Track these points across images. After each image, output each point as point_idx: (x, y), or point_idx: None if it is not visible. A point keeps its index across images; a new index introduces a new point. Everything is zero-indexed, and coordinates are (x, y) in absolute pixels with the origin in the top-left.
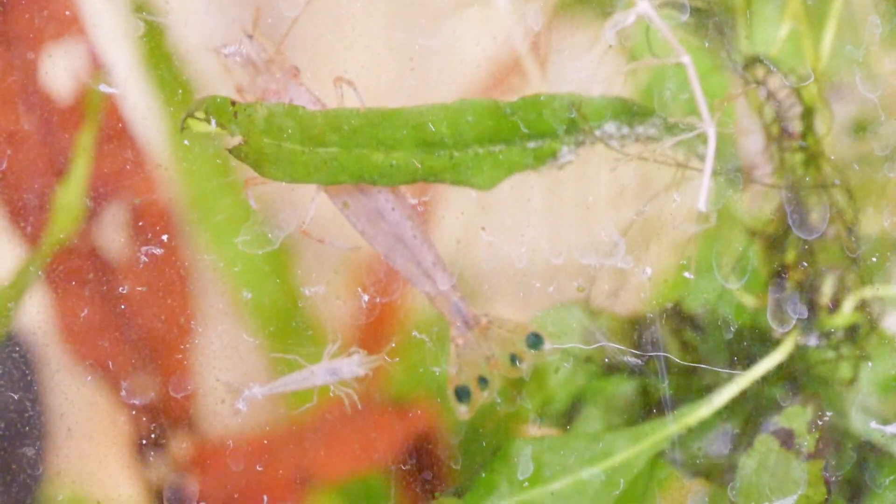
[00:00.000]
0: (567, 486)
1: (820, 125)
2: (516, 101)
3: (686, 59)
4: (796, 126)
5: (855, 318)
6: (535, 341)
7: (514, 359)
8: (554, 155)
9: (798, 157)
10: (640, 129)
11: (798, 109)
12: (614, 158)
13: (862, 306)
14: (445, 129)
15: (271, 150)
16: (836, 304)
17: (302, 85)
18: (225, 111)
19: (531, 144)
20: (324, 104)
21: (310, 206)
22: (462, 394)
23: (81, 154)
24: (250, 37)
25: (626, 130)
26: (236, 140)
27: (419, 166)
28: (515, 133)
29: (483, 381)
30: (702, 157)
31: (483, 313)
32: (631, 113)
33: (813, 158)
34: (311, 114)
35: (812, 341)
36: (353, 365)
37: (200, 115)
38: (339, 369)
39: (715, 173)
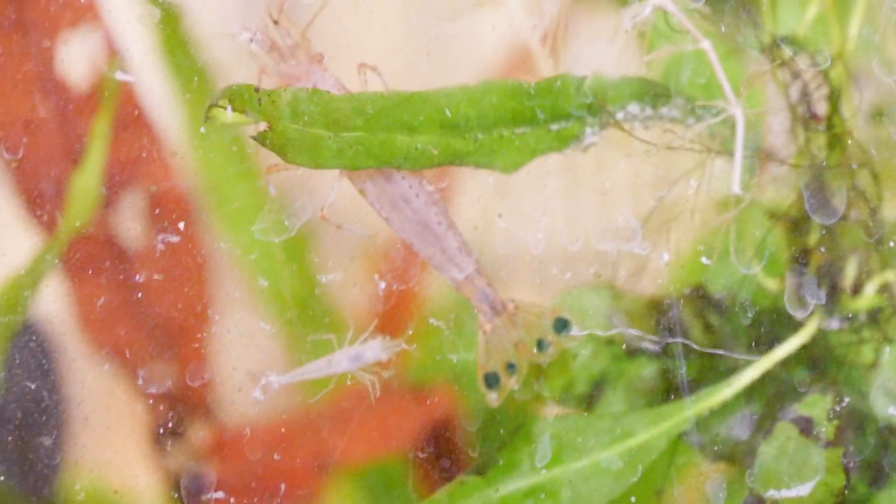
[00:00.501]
0: (588, 466)
1: (845, 107)
2: (539, 81)
3: (706, 43)
4: (822, 108)
5: (877, 301)
6: (563, 325)
7: (541, 344)
8: (577, 137)
9: (822, 139)
10: (663, 111)
11: (824, 91)
12: (643, 151)
13: (884, 289)
14: (469, 111)
15: (296, 135)
16: (858, 287)
17: (327, 71)
18: (249, 98)
19: (554, 126)
20: (348, 91)
21: (330, 191)
22: (491, 380)
23: (97, 141)
24: (276, 22)
25: (648, 112)
26: (261, 126)
27: (443, 149)
28: (538, 115)
29: (511, 367)
30: (724, 140)
31: (510, 298)
32: (653, 94)
33: (837, 140)
34: (335, 98)
35: (833, 324)
36: (376, 349)
37: (224, 103)
38: (361, 355)
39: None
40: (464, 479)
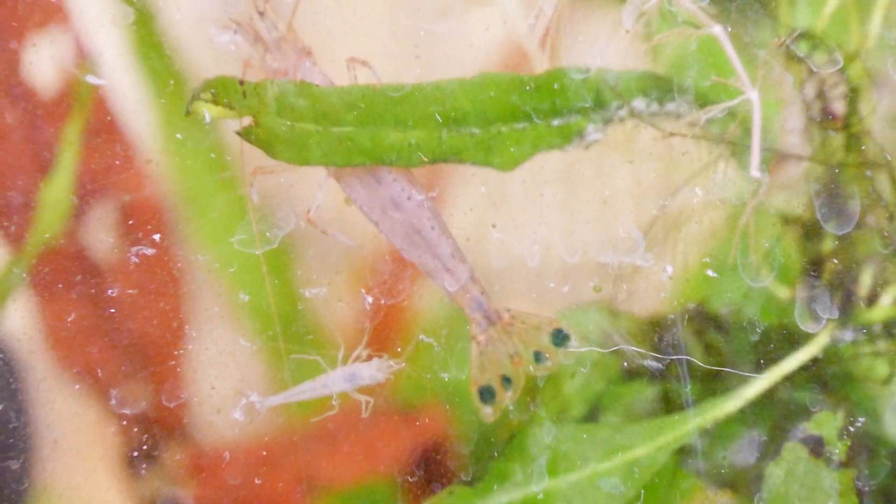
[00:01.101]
0: (584, 479)
1: (864, 107)
2: (540, 75)
3: (717, 28)
4: (839, 107)
5: (893, 313)
6: (561, 338)
7: (538, 356)
8: (580, 133)
9: (838, 140)
10: (670, 106)
11: (842, 89)
12: (652, 137)
13: None
14: (466, 106)
15: (283, 130)
16: (872, 298)
17: (315, 65)
18: (233, 91)
19: (556, 122)
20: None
21: (317, 192)
22: (486, 394)
23: (68, 149)
24: (261, 13)
25: (655, 107)
26: (245, 121)
27: (438, 145)
28: (539, 109)
29: (507, 381)
30: (734, 140)
31: (505, 308)
32: (661, 88)
33: (855, 141)
34: (325, 91)
35: (847, 336)
36: (373, 370)
37: (207, 96)
38: (357, 374)
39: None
40: (453, 489)
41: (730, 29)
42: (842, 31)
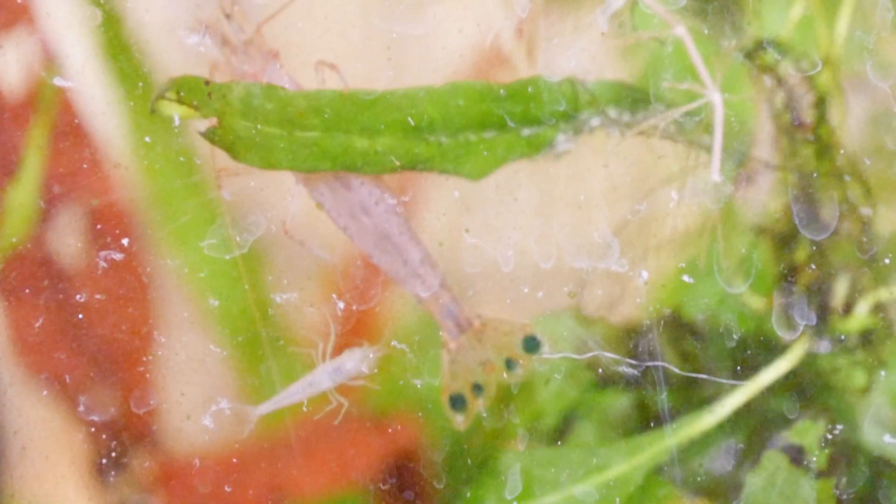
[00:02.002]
0: (559, 501)
1: (834, 115)
2: (511, 83)
3: (681, 29)
4: (808, 115)
5: (870, 322)
6: (533, 345)
7: (510, 363)
8: (550, 143)
9: (810, 149)
10: (640, 116)
11: (810, 98)
12: (617, 136)
13: (877, 309)
14: (434, 114)
15: (247, 133)
16: (848, 307)
17: (283, 68)
18: (198, 91)
19: (526, 131)
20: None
21: (290, 201)
22: (457, 402)
23: (33, 152)
24: (228, 16)
25: (626, 117)
26: (210, 122)
27: (405, 153)
28: (509, 119)
29: (478, 389)
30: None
31: (476, 315)
32: (632, 98)
33: (826, 150)
34: (291, 95)
35: (823, 347)
36: (356, 360)
37: (171, 95)
38: (341, 367)
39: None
40: None
41: (707, 32)
42: (809, 37)
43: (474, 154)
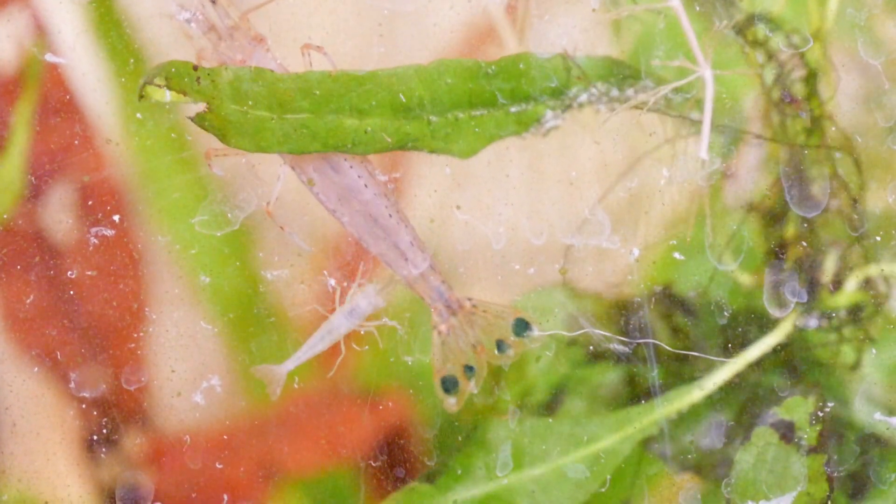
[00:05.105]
0: (548, 473)
1: (824, 91)
2: (499, 61)
3: (674, 2)
4: (799, 90)
5: (859, 298)
6: (522, 327)
7: (501, 345)
8: (538, 120)
9: (800, 124)
10: (630, 92)
11: (801, 73)
12: (605, 112)
13: (867, 285)
14: (423, 93)
15: (237, 117)
16: (838, 283)
17: (269, 52)
18: (187, 76)
19: (514, 109)
20: None
21: (275, 183)
22: (449, 384)
23: (21, 128)
24: (213, 1)
25: (615, 93)
26: (199, 107)
27: (395, 133)
28: (497, 97)
29: (470, 370)
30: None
31: (467, 297)
32: (621, 74)
33: (816, 125)
34: (280, 77)
35: (812, 323)
36: (370, 296)
37: (160, 81)
38: (356, 307)
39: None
40: (414, 486)
41: (698, 9)
42: (801, 13)
43: (464, 132)
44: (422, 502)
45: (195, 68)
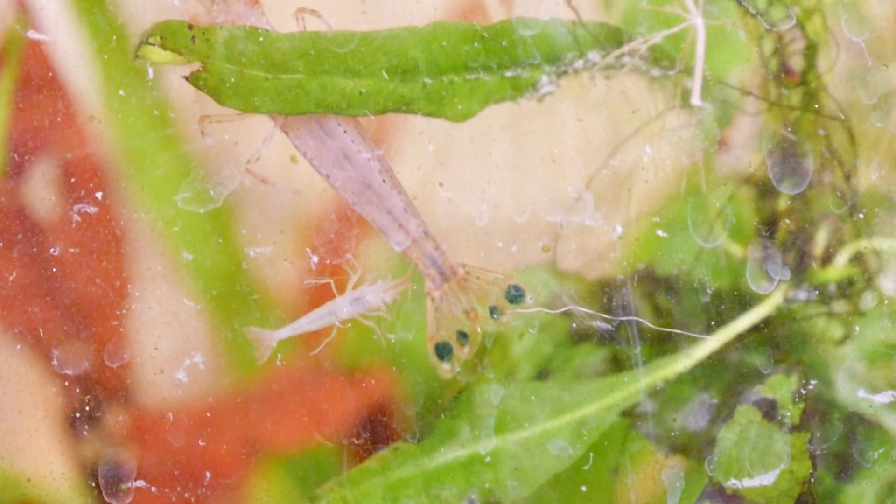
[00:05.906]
0: (532, 437)
1: (822, 63)
2: (494, 24)
3: None
4: (796, 63)
5: (848, 272)
6: (516, 294)
7: (494, 311)
8: (534, 85)
9: (795, 96)
10: (624, 59)
11: (800, 44)
12: (603, 90)
13: (857, 259)
14: (417, 55)
15: (231, 76)
16: (828, 257)
17: (263, 15)
18: (182, 35)
19: (509, 73)
20: None
21: (261, 145)
22: (443, 350)
23: (3, 104)
24: None
25: (610, 60)
26: (194, 66)
27: (389, 95)
28: (492, 60)
29: (463, 336)
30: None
31: (460, 264)
32: (615, 40)
33: (812, 98)
34: (275, 37)
35: (801, 296)
36: (379, 292)
37: (155, 41)
38: (362, 298)
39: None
40: (398, 446)
41: None
42: None
43: (458, 95)
44: (406, 461)
45: (190, 27)
